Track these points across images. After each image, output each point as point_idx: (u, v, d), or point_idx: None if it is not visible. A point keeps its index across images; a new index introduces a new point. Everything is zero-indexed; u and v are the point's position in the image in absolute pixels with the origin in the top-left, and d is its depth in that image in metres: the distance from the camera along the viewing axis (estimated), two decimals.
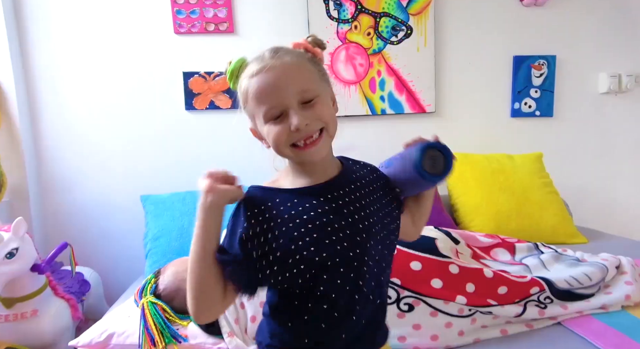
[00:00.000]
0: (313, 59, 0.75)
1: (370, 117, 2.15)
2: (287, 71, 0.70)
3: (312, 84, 0.71)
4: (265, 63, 0.70)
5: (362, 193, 0.76)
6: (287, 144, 0.72)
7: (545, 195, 1.95)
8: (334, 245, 0.68)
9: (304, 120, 0.69)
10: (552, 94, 2.27)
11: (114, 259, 2.00)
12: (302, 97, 0.70)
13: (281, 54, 0.71)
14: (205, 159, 2.04)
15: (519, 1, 2.20)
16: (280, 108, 0.70)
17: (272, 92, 0.69)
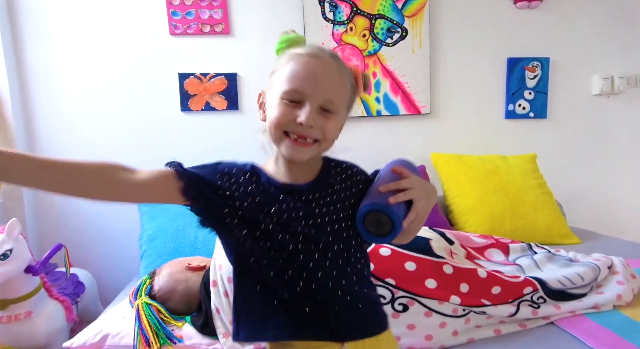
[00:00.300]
0: (353, 86, 0.78)
1: (366, 119, 2.16)
2: (332, 72, 0.72)
3: (340, 101, 0.74)
4: (319, 51, 0.73)
5: (329, 199, 0.77)
6: (282, 127, 0.74)
7: (539, 196, 1.96)
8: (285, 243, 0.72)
9: (312, 120, 0.71)
10: (545, 96, 2.29)
11: (108, 261, 1.99)
12: (325, 103, 0.72)
13: (338, 59, 0.75)
14: (201, 160, 2.03)
15: (513, 4, 2.22)
16: (303, 97, 0.72)
17: (308, 80, 0.71)
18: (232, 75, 2.03)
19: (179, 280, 1.20)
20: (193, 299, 1.19)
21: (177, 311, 1.19)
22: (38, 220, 1.96)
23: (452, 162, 2.06)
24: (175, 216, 1.71)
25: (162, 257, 1.58)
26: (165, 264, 1.28)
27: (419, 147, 2.19)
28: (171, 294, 1.19)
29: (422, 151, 2.15)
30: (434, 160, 2.09)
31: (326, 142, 0.75)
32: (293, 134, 0.73)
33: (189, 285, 1.19)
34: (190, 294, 1.19)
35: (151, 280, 1.23)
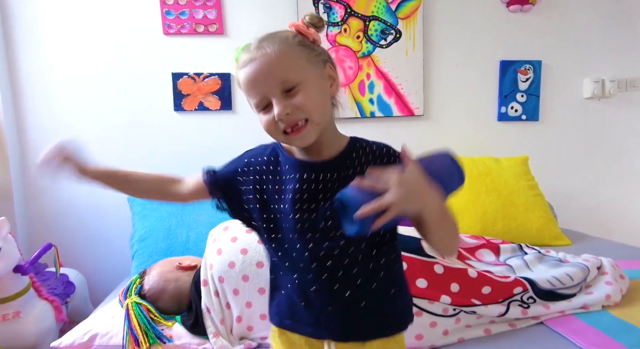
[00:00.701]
0: (303, 42, 0.74)
1: (360, 120, 2.17)
2: (267, 63, 0.70)
3: (292, 73, 0.71)
4: (249, 55, 0.72)
5: (342, 182, 0.73)
6: (277, 132, 0.73)
7: (530, 198, 1.97)
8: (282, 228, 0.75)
9: (284, 109, 0.70)
10: (537, 99, 2.30)
11: (100, 261, 1.98)
12: (283, 87, 0.71)
13: (265, 44, 0.72)
14: (194, 160, 2.02)
15: (506, 7, 2.24)
16: (266, 99, 0.72)
17: (256, 85, 0.72)
18: (226, 75, 2.03)
19: (169, 279, 1.19)
20: (183, 299, 1.19)
21: (168, 310, 1.18)
22: (28, 220, 1.94)
23: None
24: (167, 216, 1.70)
25: (154, 257, 1.58)
26: (156, 264, 1.28)
27: (413, 149, 2.17)
28: (161, 293, 1.18)
29: (415, 152, 2.15)
30: None
31: (312, 113, 0.72)
32: (286, 129, 0.72)
33: (179, 284, 1.19)
34: (181, 294, 1.19)
35: (141, 279, 1.22)
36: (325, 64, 0.77)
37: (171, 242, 1.62)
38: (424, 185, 0.66)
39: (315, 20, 0.77)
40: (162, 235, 1.64)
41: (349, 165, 0.77)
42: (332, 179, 0.76)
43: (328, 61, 0.78)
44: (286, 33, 0.75)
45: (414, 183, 0.64)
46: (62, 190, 1.95)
